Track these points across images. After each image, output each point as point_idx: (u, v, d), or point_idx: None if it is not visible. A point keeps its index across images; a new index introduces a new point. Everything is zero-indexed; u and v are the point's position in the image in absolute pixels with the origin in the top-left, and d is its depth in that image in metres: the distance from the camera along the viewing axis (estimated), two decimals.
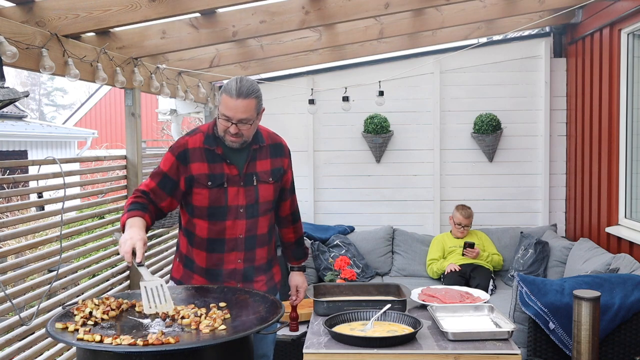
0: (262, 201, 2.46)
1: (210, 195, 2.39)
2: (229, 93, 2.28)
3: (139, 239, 2.10)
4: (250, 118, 2.32)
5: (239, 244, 2.44)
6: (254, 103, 2.31)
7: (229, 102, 2.28)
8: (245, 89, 2.27)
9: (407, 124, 5.69)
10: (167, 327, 1.96)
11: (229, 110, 2.29)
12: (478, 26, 5.24)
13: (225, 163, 2.41)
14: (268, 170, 2.48)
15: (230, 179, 2.40)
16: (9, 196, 3.18)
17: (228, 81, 2.33)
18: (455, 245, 5.09)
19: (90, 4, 2.96)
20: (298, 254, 2.77)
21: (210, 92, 5.42)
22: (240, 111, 2.28)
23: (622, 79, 4.40)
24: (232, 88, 2.28)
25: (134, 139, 3.92)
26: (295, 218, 2.72)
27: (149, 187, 2.38)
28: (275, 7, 3.77)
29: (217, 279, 2.46)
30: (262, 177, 2.46)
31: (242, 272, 2.47)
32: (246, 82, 2.31)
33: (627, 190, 4.44)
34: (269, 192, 2.48)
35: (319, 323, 2.37)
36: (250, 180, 2.43)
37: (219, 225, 2.41)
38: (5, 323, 2.78)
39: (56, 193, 3.31)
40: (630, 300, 3.21)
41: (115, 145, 15.79)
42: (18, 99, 2.42)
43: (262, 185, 2.46)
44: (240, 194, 2.41)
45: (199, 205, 2.41)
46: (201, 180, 2.39)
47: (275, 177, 2.51)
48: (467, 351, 2.08)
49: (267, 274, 2.57)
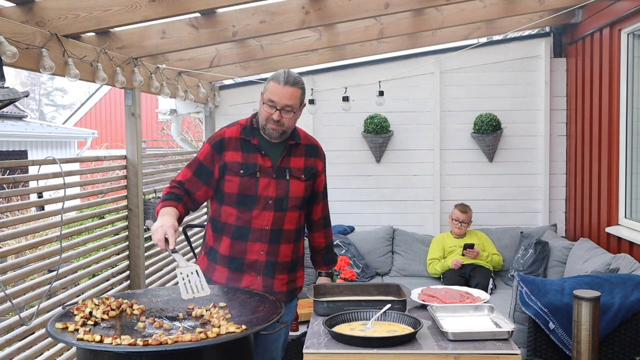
0: (292, 196, 2.50)
1: (241, 183, 2.44)
2: (277, 80, 2.40)
3: (170, 225, 2.18)
4: (294, 106, 2.41)
5: (263, 235, 2.47)
6: (299, 93, 2.43)
7: (276, 88, 2.39)
8: (292, 79, 2.41)
9: (407, 124, 5.69)
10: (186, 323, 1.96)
11: (275, 95, 2.39)
12: (478, 26, 5.24)
13: (260, 154, 2.47)
14: (301, 167, 2.54)
15: (263, 169, 2.46)
16: (9, 196, 3.18)
17: (276, 71, 2.46)
18: (455, 245, 5.09)
19: (90, 4, 2.96)
20: (328, 260, 2.81)
21: (210, 92, 5.42)
22: (286, 97, 2.39)
23: (622, 79, 4.41)
24: (281, 76, 2.41)
25: (134, 139, 3.92)
26: (327, 223, 2.76)
27: (185, 177, 2.47)
28: (275, 7, 3.77)
29: (239, 268, 2.47)
30: (294, 173, 2.51)
31: (264, 264, 2.48)
32: (293, 73, 2.45)
33: (627, 190, 4.44)
34: (299, 189, 2.52)
35: (319, 323, 2.37)
36: (282, 174, 2.49)
37: (246, 213, 2.45)
38: (5, 323, 2.78)
39: (56, 193, 3.31)
40: (630, 300, 3.21)
41: (115, 145, 15.79)
42: (18, 99, 2.42)
43: (293, 180, 2.51)
44: (271, 186, 2.46)
45: (229, 192, 2.46)
46: (233, 168, 2.45)
47: (308, 175, 2.56)
48: (467, 351, 2.08)
49: (289, 274, 2.57)
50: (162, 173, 4.81)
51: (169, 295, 2.31)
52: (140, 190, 3.96)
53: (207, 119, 5.65)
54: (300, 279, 2.66)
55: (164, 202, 2.36)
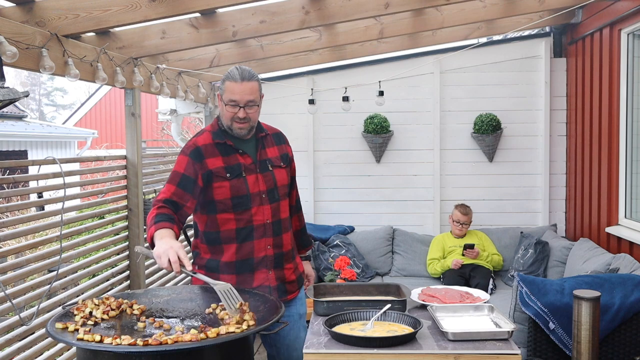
0: (280, 185, 2.54)
1: (232, 186, 2.42)
2: (233, 79, 2.37)
3: (179, 247, 2.08)
4: (255, 100, 2.41)
5: (267, 230, 2.48)
6: (257, 85, 2.42)
7: (234, 87, 2.37)
8: (247, 73, 2.39)
9: (407, 124, 5.69)
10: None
11: (236, 95, 2.37)
12: (478, 26, 5.24)
13: (239, 153, 2.46)
14: (278, 156, 2.58)
15: (247, 167, 2.46)
16: (9, 196, 3.18)
17: (228, 71, 2.42)
18: (455, 245, 5.09)
19: (90, 4, 2.96)
20: (305, 242, 2.85)
21: (210, 92, 5.42)
22: (247, 93, 2.37)
23: (622, 79, 4.40)
24: (235, 74, 2.38)
25: (134, 139, 3.92)
26: (299, 207, 2.81)
27: (170, 192, 2.35)
28: (275, 7, 3.77)
29: (248, 270, 2.45)
30: (275, 162, 2.55)
31: (272, 258, 2.49)
32: (245, 67, 2.42)
33: (627, 190, 4.44)
34: (283, 176, 2.56)
35: (319, 323, 2.37)
36: (265, 167, 2.50)
37: (245, 214, 2.44)
38: (5, 323, 2.78)
39: (56, 193, 3.31)
40: (630, 300, 3.21)
41: (115, 145, 15.79)
42: (18, 99, 2.42)
43: (276, 169, 2.54)
44: (260, 180, 2.47)
45: (222, 199, 2.42)
46: (219, 174, 2.42)
47: (285, 162, 2.60)
48: (467, 351, 2.08)
49: (293, 261, 2.62)
50: (162, 173, 4.81)
51: (169, 295, 2.31)
52: (140, 190, 3.96)
53: (207, 119, 5.65)
54: (300, 264, 2.71)
55: (157, 225, 2.20)
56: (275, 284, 2.48)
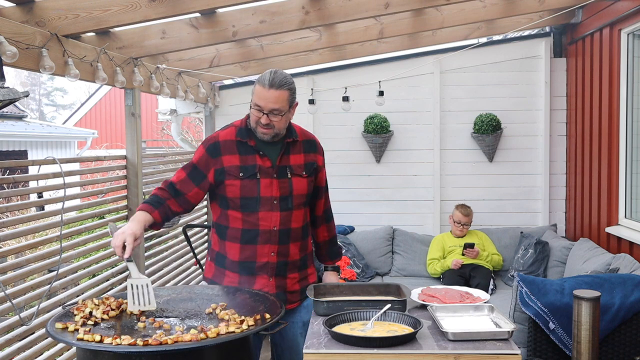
0: (296, 194, 2.47)
1: (242, 186, 2.40)
2: (262, 83, 2.32)
3: (130, 233, 2.13)
4: (281, 109, 2.35)
5: (272, 237, 2.44)
6: (286, 95, 2.34)
7: (261, 92, 2.32)
8: (278, 80, 2.31)
9: (407, 124, 5.69)
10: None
11: (261, 100, 2.33)
12: (478, 26, 5.24)
13: (258, 155, 2.42)
14: (301, 164, 2.50)
15: (263, 170, 2.42)
16: (9, 196, 3.18)
17: (263, 73, 2.37)
18: (455, 245, 5.09)
19: (90, 4, 2.96)
20: (333, 253, 2.80)
21: (211, 92, 5.42)
22: (271, 101, 2.32)
23: (622, 79, 4.41)
24: (266, 79, 2.32)
25: (134, 139, 3.92)
26: (329, 216, 2.74)
27: (179, 178, 2.42)
28: (275, 7, 3.77)
29: (250, 272, 2.45)
30: (295, 171, 2.48)
31: (275, 265, 2.46)
32: (280, 74, 2.35)
33: (627, 190, 4.44)
34: (302, 186, 2.49)
35: (319, 323, 2.37)
36: (283, 173, 2.45)
37: (252, 216, 2.42)
38: (5, 323, 2.78)
39: (56, 193, 3.31)
40: (630, 300, 3.21)
41: (115, 145, 15.80)
42: (18, 99, 2.42)
43: (295, 178, 2.47)
44: (274, 186, 2.43)
45: (232, 197, 2.42)
46: (232, 172, 2.40)
47: (309, 171, 2.52)
48: (467, 351, 2.08)
49: (300, 272, 2.58)
50: (162, 173, 4.81)
51: (169, 295, 2.31)
52: (140, 190, 3.96)
53: (207, 119, 5.65)
54: (312, 276, 2.66)
55: (141, 206, 2.32)
56: (274, 292, 2.45)
